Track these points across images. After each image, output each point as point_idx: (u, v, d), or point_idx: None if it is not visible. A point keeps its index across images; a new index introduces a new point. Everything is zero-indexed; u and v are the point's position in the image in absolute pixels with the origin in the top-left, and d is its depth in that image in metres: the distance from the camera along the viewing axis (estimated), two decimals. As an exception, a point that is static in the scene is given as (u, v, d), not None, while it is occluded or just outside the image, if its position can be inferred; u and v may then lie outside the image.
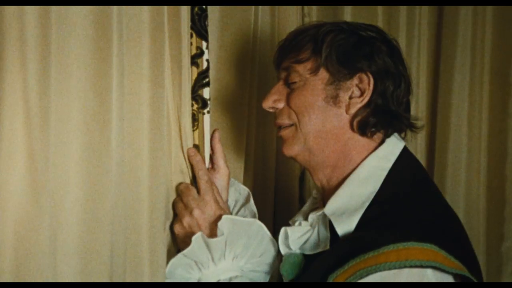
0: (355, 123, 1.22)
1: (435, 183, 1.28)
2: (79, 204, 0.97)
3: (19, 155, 0.90)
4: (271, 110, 1.29)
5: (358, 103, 1.21)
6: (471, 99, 2.05)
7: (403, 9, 2.00)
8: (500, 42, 2.08)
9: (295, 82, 1.25)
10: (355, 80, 1.22)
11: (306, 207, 1.35)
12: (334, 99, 1.22)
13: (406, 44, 1.99)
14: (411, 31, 2.02)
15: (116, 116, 1.01)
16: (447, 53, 2.05)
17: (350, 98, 1.22)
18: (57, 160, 0.94)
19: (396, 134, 1.26)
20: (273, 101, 1.28)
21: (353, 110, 1.22)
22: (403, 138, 1.28)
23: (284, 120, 1.26)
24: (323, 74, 1.22)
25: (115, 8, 1.00)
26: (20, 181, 0.90)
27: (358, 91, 1.22)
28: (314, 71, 1.23)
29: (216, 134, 1.29)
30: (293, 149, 1.26)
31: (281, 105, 1.27)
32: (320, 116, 1.22)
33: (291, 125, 1.25)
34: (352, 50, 1.22)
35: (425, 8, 2.05)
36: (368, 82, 1.21)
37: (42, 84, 0.91)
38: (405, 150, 1.25)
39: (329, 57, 1.22)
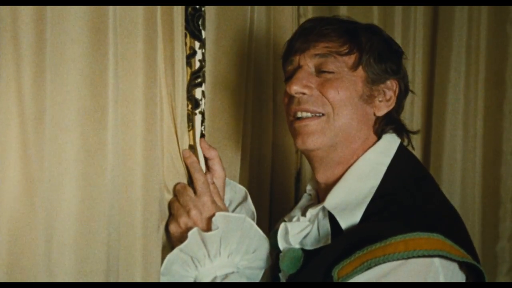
0: (377, 126, 1.24)
1: (433, 177, 1.29)
2: (74, 205, 0.96)
3: (14, 155, 0.89)
4: (296, 96, 1.22)
5: (387, 107, 1.24)
6: (466, 99, 2.06)
7: (398, 9, 2.01)
8: (495, 42, 2.09)
9: (331, 72, 1.21)
10: (385, 85, 1.24)
11: (301, 203, 1.35)
12: (369, 99, 1.23)
13: (401, 44, 1.98)
14: (406, 31, 2.03)
15: (111, 116, 1.01)
16: (442, 53, 2.05)
17: (380, 101, 1.24)
18: (52, 160, 0.94)
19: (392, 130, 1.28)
20: (303, 86, 1.22)
21: (381, 113, 1.24)
22: (407, 145, 1.30)
23: (317, 108, 1.21)
24: (361, 72, 1.22)
25: (110, 8, 1.00)
26: (15, 181, 0.89)
27: (383, 96, 1.24)
28: (354, 68, 1.22)
29: (204, 144, 1.24)
30: (318, 141, 1.21)
31: (310, 91, 1.22)
32: (355, 112, 1.22)
33: (322, 115, 1.21)
34: (385, 54, 1.24)
35: (420, 8, 2.06)
36: (395, 89, 1.25)
37: (37, 84, 0.91)
38: (401, 146, 1.27)
39: (371, 58, 1.22)
